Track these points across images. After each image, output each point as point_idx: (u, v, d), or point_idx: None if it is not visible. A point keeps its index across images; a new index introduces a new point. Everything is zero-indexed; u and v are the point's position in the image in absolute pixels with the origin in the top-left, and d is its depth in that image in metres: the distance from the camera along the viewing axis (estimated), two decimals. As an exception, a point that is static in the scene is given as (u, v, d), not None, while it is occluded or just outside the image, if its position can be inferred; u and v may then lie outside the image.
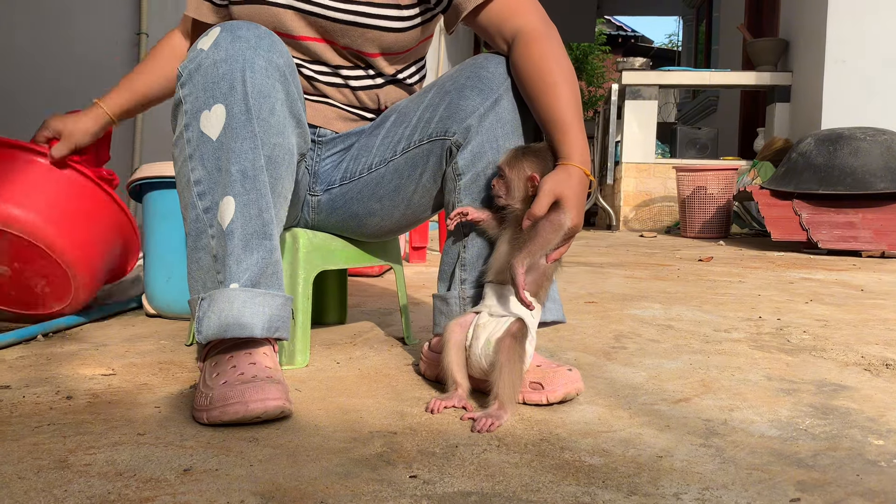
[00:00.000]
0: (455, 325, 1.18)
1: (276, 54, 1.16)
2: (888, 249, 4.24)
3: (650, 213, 7.34)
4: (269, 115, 1.15)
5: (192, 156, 1.15)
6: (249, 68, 1.13)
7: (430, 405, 1.11)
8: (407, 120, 1.35)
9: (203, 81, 1.14)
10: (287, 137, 1.18)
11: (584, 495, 0.81)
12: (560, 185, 1.15)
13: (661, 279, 2.97)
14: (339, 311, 1.88)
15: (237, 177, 1.12)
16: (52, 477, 0.82)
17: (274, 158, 1.16)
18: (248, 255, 1.12)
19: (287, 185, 1.20)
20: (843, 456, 0.95)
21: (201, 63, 1.14)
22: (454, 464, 0.89)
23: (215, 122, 1.13)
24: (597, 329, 1.82)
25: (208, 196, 1.14)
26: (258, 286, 1.12)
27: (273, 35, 1.18)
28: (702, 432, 1.03)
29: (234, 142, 1.12)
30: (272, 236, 1.15)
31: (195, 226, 1.15)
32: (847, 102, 6.24)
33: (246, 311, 1.10)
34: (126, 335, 1.67)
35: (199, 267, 1.15)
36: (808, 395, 1.24)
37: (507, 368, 1.07)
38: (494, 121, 1.25)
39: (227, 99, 1.12)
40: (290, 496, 0.79)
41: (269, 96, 1.15)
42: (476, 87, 1.26)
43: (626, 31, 21.00)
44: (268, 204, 1.14)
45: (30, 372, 1.31)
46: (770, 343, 1.67)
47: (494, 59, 1.28)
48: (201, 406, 1.03)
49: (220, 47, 1.14)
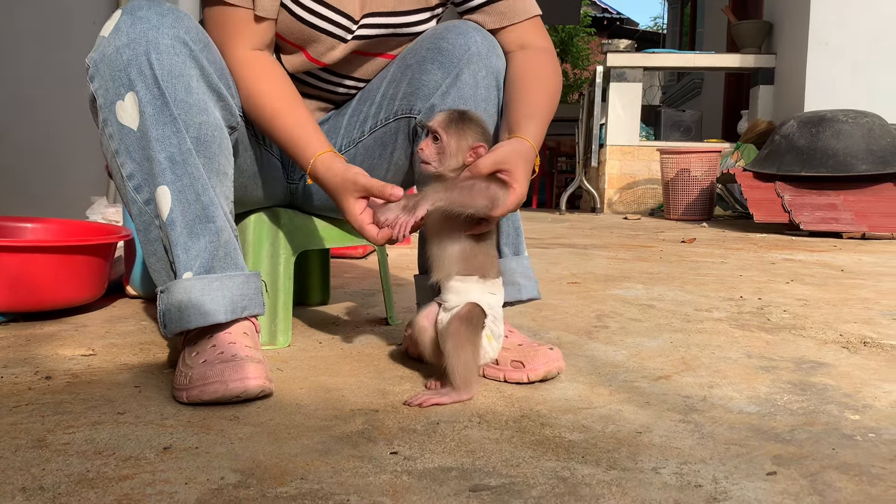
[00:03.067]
0: (422, 319, 1.13)
1: (182, 30, 1.10)
2: (868, 231, 4.29)
3: (634, 196, 7.36)
4: (185, 95, 1.09)
5: (118, 151, 1.10)
6: (154, 49, 1.07)
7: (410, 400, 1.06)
8: (371, 97, 1.34)
9: (109, 71, 1.08)
10: (211, 114, 1.12)
11: (564, 470, 0.81)
12: (511, 155, 1.07)
13: (644, 260, 2.98)
14: (321, 292, 1.87)
15: (166, 164, 1.08)
16: (30, 456, 0.82)
17: (202, 138, 1.11)
18: (194, 241, 1.10)
19: (223, 161, 1.15)
20: (819, 431, 0.96)
21: (104, 52, 1.09)
22: (435, 440, 0.90)
23: (131, 111, 1.08)
24: (579, 309, 1.83)
25: (145, 188, 1.10)
26: (212, 271, 1.11)
27: (178, 10, 1.12)
28: (681, 409, 1.04)
29: (155, 129, 1.08)
30: (215, 218, 1.11)
31: (141, 219, 1.12)
32: (830, 85, 6.27)
33: (206, 299, 1.09)
34: (106, 316, 1.65)
35: (158, 258, 1.13)
36: (786, 373, 1.25)
37: (454, 351, 1.04)
38: (456, 97, 1.21)
39: (137, 85, 1.07)
40: (271, 473, 0.79)
41: (181, 75, 1.08)
42: (437, 61, 1.23)
43: (611, 14, 20.93)
44: (204, 186, 1.10)
45: (8, 353, 1.30)
46: (750, 322, 1.69)
47: (455, 28, 1.24)
48: (181, 385, 1.03)
49: (121, 32, 1.08)
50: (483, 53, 1.22)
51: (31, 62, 2.79)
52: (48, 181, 2.88)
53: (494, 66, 1.23)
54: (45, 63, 2.85)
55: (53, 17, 2.91)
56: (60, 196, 2.90)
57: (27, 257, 1.52)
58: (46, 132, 2.86)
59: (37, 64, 2.81)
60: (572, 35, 16.24)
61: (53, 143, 2.92)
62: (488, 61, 1.22)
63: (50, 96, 2.86)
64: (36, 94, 2.80)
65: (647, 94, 9.29)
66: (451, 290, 1.10)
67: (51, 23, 2.89)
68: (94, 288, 1.67)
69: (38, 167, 2.83)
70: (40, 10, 2.82)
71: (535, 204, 10.07)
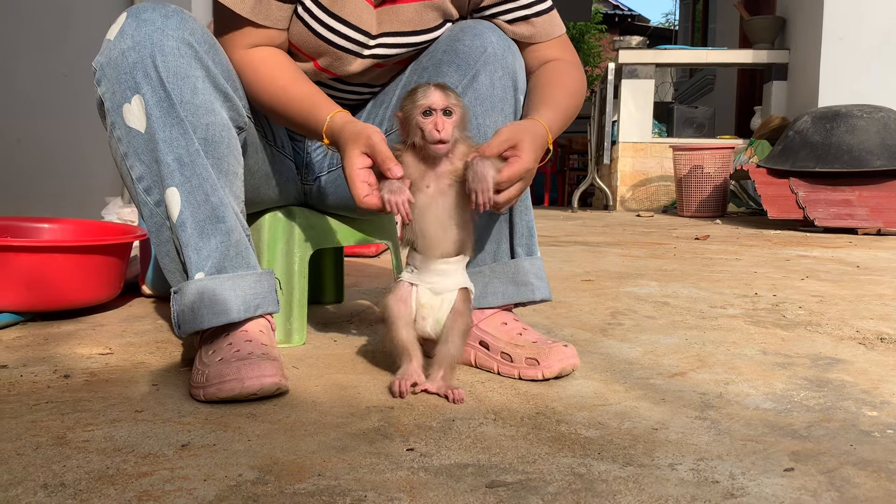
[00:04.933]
0: (398, 302, 1.10)
1: (187, 31, 1.10)
2: (884, 227, 4.25)
3: (647, 193, 7.33)
4: (191, 96, 1.09)
5: (126, 154, 1.11)
6: (160, 52, 1.07)
7: (396, 388, 1.06)
8: (387, 100, 1.34)
9: (115, 74, 1.09)
10: (218, 114, 1.12)
11: (580, 466, 0.81)
12: (516, 131, 1.07)
13: (658, 257, 2.97)
14: (335, 291, 1.88)
15: (174, 166, 1.09)
16: (51, 453, 0.83)
17: (210, 139, 1.11)
18: (205, 242, 1.10)
19: (232, 161, 1.15)
20: (836, 427, 0.95)
21: (110, 55, 1.09)
22: (451, 437, 0.90)
23: (138, 114, 1.09)
24: (593, 306, 1.82)
25: (155, 190, 1.11)
26: (224, 271, 1.11)
27: (182, 12, 1.12)
28: (697, 405, 1.04)
29: (162, 131, 1.08)
30: (226, 218, 1.12)
31: (153, 221, 1.13)
32: (844, 80, 6.21)
33: (218, 299, 1.10)
34: (123, 315, 1.67)
35: (171, 259, 1.14)
36: (802, 369, 1.24)
37: (459, 342, 1.09)
38: (473, 98, 1.21)
39: (143, 88, 1.07)
40: (288, 469, 0.79)
41: (187, 77, 1.09)
42: (453, 63, 1.22)
43: (622, 10, 20.87)
44: (213, 186, 1.11)
45: (27, 352, 1.31)
46: (765, 318, 1.68)
47: (471, 29, 1.24)
48: (198, 383, 1.04)
49: (126, 35, 1.08)
50: (499, 54, 1.22)
51: (46, 66, 2.81)
52: (64, 182, 2.90)
53: (511, 66, 1.23)
54: (60, 66, 2.87)
55: (69, 20, 2.93)
56: (76, 197, 2.92)
57: (44, 257, 1.53)
58: (61, 134, 2.89)
59: (52, 68, 2.83)
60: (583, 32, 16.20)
61: (68, 145, 2.95)
62: (504, 61, 1.22)
63: (64, 99, 2.88)
64: (51, 98, 2.83)
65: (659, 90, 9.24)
66: (437, 272, 1.10)
67: (67, 27, 2.91)
68: (111, 287, 1.68)
69: (54, 169, 2.86)
70: (56, 15, 2.85)
71: (547, 202, 10.05)
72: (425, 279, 1.11)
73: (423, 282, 1.11)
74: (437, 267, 1.10)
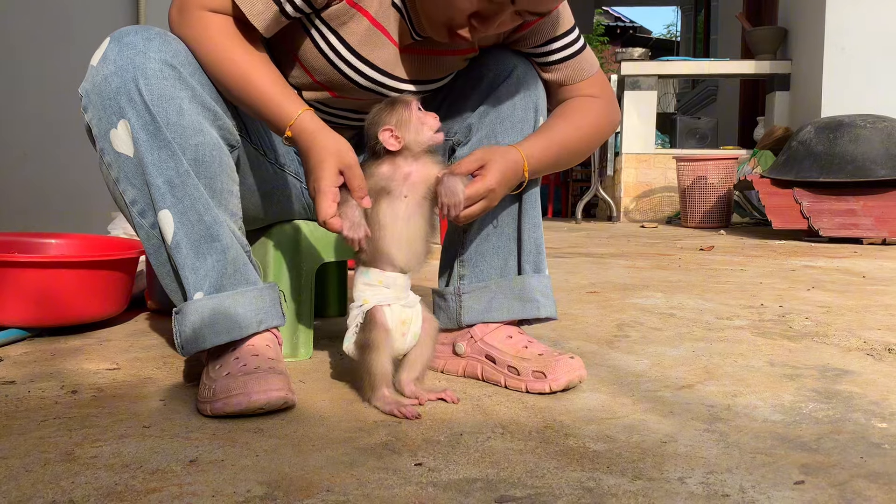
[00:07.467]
0: (381, 332, 1.08)
1: (170, 53, 1.08)
2: (889, 236, 4.24)
3: (651, 204, 7.32)
4: (178, 118, 1.08)
5: (118, 179, 1.11)
6: (142, 76, 1.06)
7: (408, 413, 1.03)
8: None
9: (100, 100, 1.08)
10: (207, 134, 1.11)
11: (589, 480, 0.81)
12: (487, 153, 1.14)
13: (663, 269, 2.97)
14: (339, 304, 1.88)
15: (165, 188, 1.08)
16: (59, 469, 0.83)
17: (200, 159, 1.10)
18: (201, 261, 1.10)
19: (225, 179, 1.14)
20: (846, 439, 0.95)
21: (94, 81, 1.09)
22: (459, 451, 0.90)
23: (125, 138, 1.08)
24: (599, 318, 1.82)
25: (149, 213, 1.11)
26: (223, 289, 1.11)
27: (165, 34, 1.10)
28: (705, 418, 1.04)
29: (150, 154, 1.08)
30: (221, 236, 1.11)
31: (150, 243, 1.13)
32: (847, 90, 6.21)
33: (218, 318, 1.10)
34: (130, 330, 1.67)
35: (172, 279, 1.14)
36: (810, 380, 1.24)
37: (432, 345, 1.15)
38: (494, 117, 1.25)
39: (128, 113, 1.07)
40: (296, 485, 0.79)
41: (172, 98, 1.07)
42: (476, 88, 1.27)
43: (624, 22, 20.92)
44: (206, 206, 1.10)
45: (34, 367, 1.31)
46: (772, 330, 1.67)
47: (493, 57, 1.28)
48: (205, 398, 1.04)
49: (109, 60, 1.07)
50: (521, 77, 1.25)
51: (53, 82, 2.83)
52: (70, 197, 2.91)
53: (532, 90, 1.26)
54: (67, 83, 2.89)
55: (74, 36, 2.95)
56: (82, 211, 2.93)
57: (51, 273, 1.54)
58: (67, 150, 2.90)
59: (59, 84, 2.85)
60: (585, 44, 16.24)
61: (74, 161, 2.96)
62: (526, 85, 1.26)
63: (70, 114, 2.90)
64: (56, 112, 2.84)
65: (661, 101, 9.27)
66: (405, 286, 1.13)
67: (71, 42, 2.93)
68: (117, 302, 1.69)
69: (60, 184, 2.87)
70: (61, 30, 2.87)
71: (551, 213, 10.05)
72: (397, 296, 1.11)
73: (396, 299, 1.11)
74: (404, 282, 1.12)
